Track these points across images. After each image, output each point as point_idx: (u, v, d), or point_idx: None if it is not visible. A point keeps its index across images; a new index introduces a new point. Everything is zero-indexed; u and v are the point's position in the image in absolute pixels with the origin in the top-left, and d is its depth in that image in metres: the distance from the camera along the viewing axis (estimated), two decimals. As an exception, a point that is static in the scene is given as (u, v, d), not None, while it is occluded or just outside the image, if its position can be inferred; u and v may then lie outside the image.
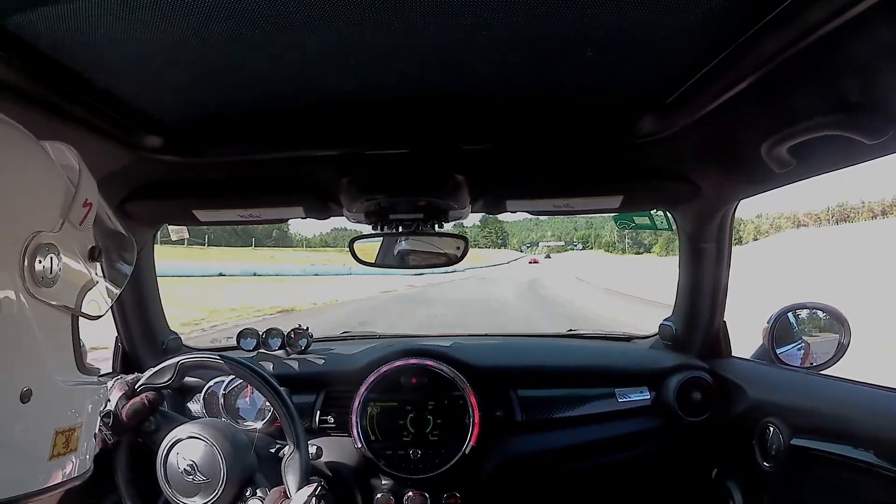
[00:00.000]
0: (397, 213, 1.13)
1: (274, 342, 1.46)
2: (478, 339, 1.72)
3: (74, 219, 0.50)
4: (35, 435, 0.46)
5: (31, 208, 0.46)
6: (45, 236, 0.46)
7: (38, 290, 0.45)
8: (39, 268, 0.45)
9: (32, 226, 0.45)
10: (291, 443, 0.98)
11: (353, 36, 0.65)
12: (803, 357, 1.28)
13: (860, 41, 0.60)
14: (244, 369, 1.01)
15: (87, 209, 0.51)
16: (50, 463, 0.47)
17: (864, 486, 0.86)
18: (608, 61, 0.73)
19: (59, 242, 0.47)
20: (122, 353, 1.42)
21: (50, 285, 0.46)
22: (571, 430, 1.35)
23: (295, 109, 0.89)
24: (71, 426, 0.50)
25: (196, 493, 0.94)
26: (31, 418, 0.45)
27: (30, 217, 0.45)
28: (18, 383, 0.44)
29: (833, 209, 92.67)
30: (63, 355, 0.51)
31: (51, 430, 0.48)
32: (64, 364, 0.50)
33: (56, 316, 0.49)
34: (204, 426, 0.98)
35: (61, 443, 0.48)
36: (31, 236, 0.44)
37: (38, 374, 0.46)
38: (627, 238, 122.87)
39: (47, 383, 0.47)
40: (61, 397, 0.49)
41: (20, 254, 0.44)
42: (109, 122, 0.85)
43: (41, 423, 0.47)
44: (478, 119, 0.93)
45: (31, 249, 0.44)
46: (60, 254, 0.47)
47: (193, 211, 1.20)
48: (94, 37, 0.63)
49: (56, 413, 0.49)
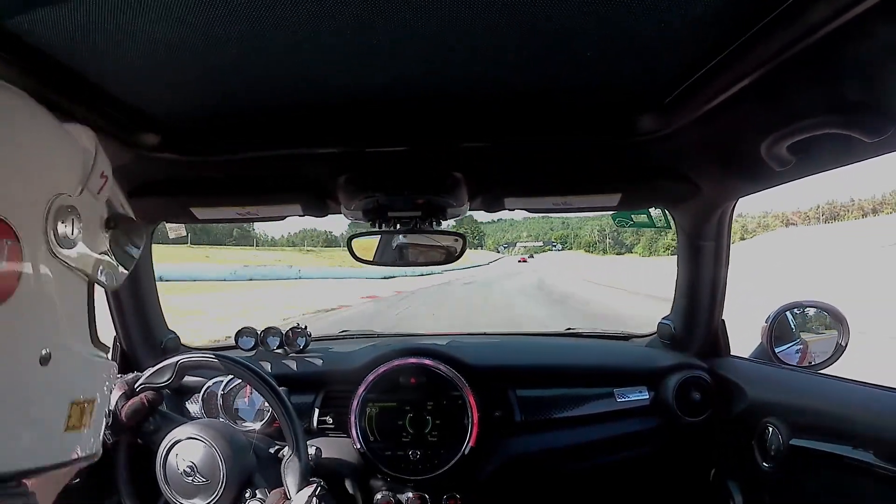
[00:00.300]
0: (395, 210, 1.13)
1: (272, 341, 1.46)
2: (476, 339, 1.72)
3: (93, 187, 0.50)
4: (52, 402, 0.45)
5: (52, 171, 0.46)
6: (67, 199, 0.46)
7: (59, 251, 0.45)
8: (62, 228, 0.45)
9: (55, 187, 0.45)
10: (290, 444, 0.98)
11: (353, 34, 0.64)
12: (802, 356, 1.28)
13: (860, 41, 0.59)
14: (243, 369, 1.00)
15: (103, 181, 0.52)
16: (65, 435, 0.46)
17: (864, 486, 0.86)
18: (608, 60, 0.73)
19: (80, 206, 0.47)
20: (120, 353, 1.41)
21: (71, 247, 0.46)
22: (570, 430, 1.34)
23: (293, 107, 0.89)
24: (87, 398, 0.49)
25: (195, 495, 0.93)
26: (48, 383, 0.44)
27: (52, 179, 0.46)
28: (39, 344, 0.43)
29: (823, 207, 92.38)
30: (79, 324, 0.50)
31: (67, 399, 0.47)
32: (80, 333, 0.50)
33: (74, 280, 0.49)
34: (203, 427, 0.98)
35: (76, 415, 0.47)
36: (54, 196, 0.45)
37: (57, 338, 0.45)
38: (608, 238, 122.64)
39: (65, 349, 0.46)
40: (78, 366, 0.49)
41: (44, 212, 0.44)
42: (107, 119, 0.85)
43: (58, 390, 0.46)
44: (477, 117, 0.93)
45: (55, 210, 0.44)
46: (81, 217, 0.47)
47: (191, 209, 1.19)
48: (92, 35, 0.63)
49: (73, 382, 0.48)
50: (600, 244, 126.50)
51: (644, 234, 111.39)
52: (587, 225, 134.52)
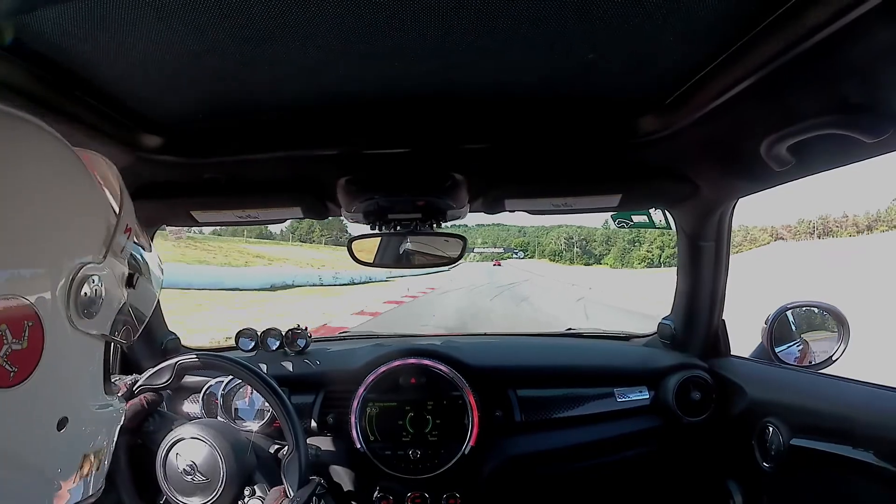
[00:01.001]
0: (396, 212, 1.13)
1: (272, 342, 1.46)
2: (476, 339, 1.72)
3: (116, 247, 0.49)
4: (66, 460, 0.47)
5: (77, 237, 0.45)
6: (90, 268, 0.45)
7: (80, 322, 0.45)
8: (84, 299, 0.44)
9: (78, 256, 0.44)
10: (290, 442, 0.98)
11: (354, 38, 0.64)
12: (802, 356, 1.28)
13: (860, 43, 0.59)
14: (242, 369, 1.01)
15: (127, 235, 0.50)
16: (75, 485, 0.48)
17: (864, 486, 0.86)
18: (609, 63, 0.73)
19: (102, 272, 0.46)
20: (120, 353, 1.41)
21: (92, 316, 0.46)
22: (570, 430, 1.34)
23: (294, 110, 0.89)
24: (97, 449, 0.51)
25: (196, 493, 0.94)
26: (63, 445, 0.46)
27: (76, 246, 0.44)
28: (57, 413, 0.44)
29: (815, 222, 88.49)
30: (95, 381, 0.50)
31: (80, 455, 0.48)
32: (95, 389, 0.51)
33: (92, 344, 0.49)
34: (203, 427, 0.98)
35: (87, 465, 0.49)
36: (77, 268, 0.43)
37: (74, 403, 0.46)
38: (576, 247, 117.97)
39: (81, 410, 0.47)
40: (92, 422, 0.50)
41: (67, 287, 0.43)
42: (109, 122, 0.85)
43: (72, 448, 0.47)
44: (477, 119, 0.93)
45: (78, 282, 0.43)
46: (103, 284, 0.46)
47: (192, 212, 1.20)
48: (94, 39, 0.63)
49: (86, 438, 0.49)
50: (567, 253, 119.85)
51: (616, 244, 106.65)
52: (551, 233, 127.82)
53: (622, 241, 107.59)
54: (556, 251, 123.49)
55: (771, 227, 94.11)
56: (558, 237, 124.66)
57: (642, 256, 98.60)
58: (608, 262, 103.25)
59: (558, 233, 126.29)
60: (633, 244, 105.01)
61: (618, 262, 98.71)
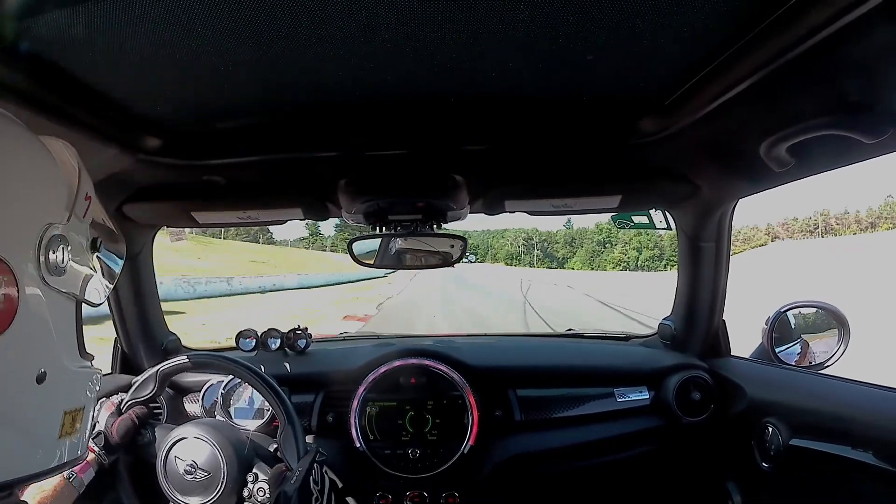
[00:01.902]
0: (396, 213, 1.13)
1: (273, 342, 1.47)
2: (476, 339, 1.72)
3: (79, 211, 0.53)
4: (47, 415, 0.50)
5: (41, 201, 0.49)
6: (56, 228, 0.49)
7: (51, 279, 0.48)
8: (53, 258, 0.48)
9: (45, 218, 0.48)
10: (281, 417, 0.98)
11: (353, 39, 0.64)
12: (802, 356, 1.28)
13: (859, 43, 0.59)
14: (220, 361, 1.02)
15: (87, 202, 0.55)
16: (58, 442, 0.51)
17: (864, 486, 0.86)
18: (609, 64, 0.73)
19: (68, 234, 0.50)
20: (120, 355, 1.42)
21: (61, 274, 0.50)
22: (570, 429, 1.35)
23: (294, 111, 0.89)
24: (77, 407, 0.53)
25: (199, 492, 0.94)
26: (44, 399, 0.49)
27: (42, 210, 0.48)
28: (35, 366, 0.47)
29: (815, 219, 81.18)
30: (69, 340, 0.54)
31: (60, 411, 0.51)
32: (70, 348, 0.54)
33: (64, 303, 0.52)
34: (200, 425, 0.99)
35: (69, 422, 0.52)
36: (44, 227, 0.48)
37: (50, 357, 0.49)
38: (536, 250, 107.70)
39: (58, 366, 0.50)
40: (69, 379, 0.53)
41: (36, 245, 0.47)
42: (109, 124, 0.85)
43: (53, 403, 0.50)
44: (477, 120, 0.93)
45: (46, 241, 0.47)
46: (69, 244, 0.51)
47: (192, 213, 1.20)
48: (94, 42, 0.63)
49: (65, 394, 0.52)
50: (526, 256, 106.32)
51: (583, 245, 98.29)
52: (507, 233, 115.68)
53: (590, 243, 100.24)
54: (513, 254, 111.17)
55: (767, 226, 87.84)
56: (515, 238, 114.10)
57: (616, 259, 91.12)
58: (574, 265, 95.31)
59: (515, 234, 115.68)
60: (604, 245, 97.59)
61: (586, 265, 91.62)
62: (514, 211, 1.22)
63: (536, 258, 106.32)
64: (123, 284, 1.36)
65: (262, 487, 0.93)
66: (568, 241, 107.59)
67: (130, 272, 1.35)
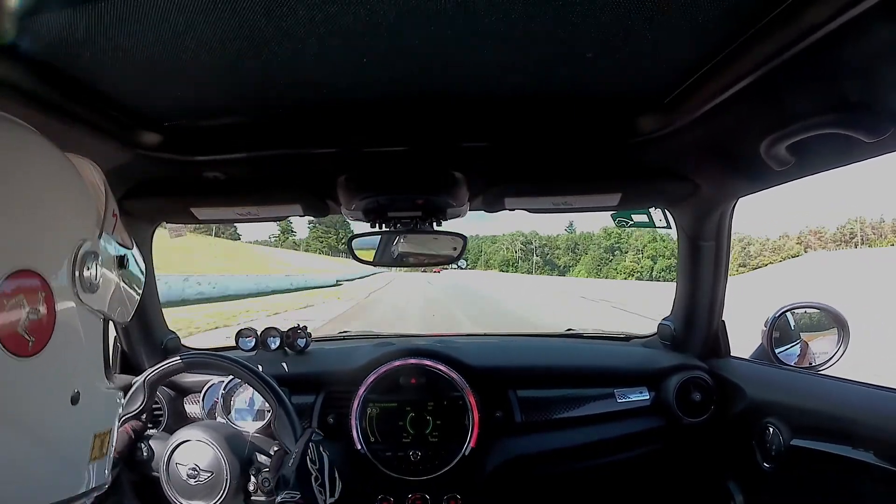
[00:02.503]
0: (395, 210, 1.13)
1: (272, 342, 1.46)
2: (477, 339, 1.72)
3: (108, 228, 0.53)
4: (79, 437, 0.49)
5: (74, 218, 0.49)
6: (89, 244, 0.49)
7: (85, 296, 0.48)
8: (87, 274, 0.48)
9: (78, 234, 0.48)
10: (272, 403, 0.98)
11: (353, 36, 0.65)
12: (802, 357, 1.28)
13: (859, 41, 0.60)
14: (208, 358, 1.01)
15: (115, 219, 0.55)
16: (88, 466, 0.50)
17: (864, 486, 0.86)
18: (608, 62, 0.73)
19: (99, 250, 0.51)
20: (120, 354, 1.41)
21: (94, 291, 0.49)
22: (571, 430, 1.34)
23: (294, 107, 0.89)
24: (106, 430, 0.53)
25: (206, 493, 0.93)
26: (77, 421, 0.48)
27: (75, 226, 0.49)
28: (70, 386, 0.47)
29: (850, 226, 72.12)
30: (98, 360, 0.53)
31: (91, 433, 0.50)
32: (99, 369, 0.53)
33: (95, 321, 0.52)
34: (200, 427, 0.98)
35: (98, 446, 0.51)
36: (79, 244, 0.48)
37: (84, 378, 0.49)
38: (536, 255, 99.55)
39: (91, 387, 0.50)
40: (101, 401, 0.52)
41: (71, 261, 0.47)
42: (109, 120, 0.86)
43: (85, 426, 0.50)
44: (477, 117, 0.93)
45: (80, 257, 0.47)
46: (101, 260, 0.50)
47: (192, 209, 1.20)
48: (94, 39, 0.63)
49: (97, 416, 0.52)
50: (524, 262, 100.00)
51: (588, 251, 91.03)
52: (503, 240, 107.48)
53: (597, 249, 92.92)
54: (510, 261, 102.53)
55: (798, 234, 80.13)
56: (513, 241, 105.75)
57: (628, 269, 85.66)
58: (579, 272, 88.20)
59: (512, 238, 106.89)
60: (613, 252, 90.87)
61: (592, 274, 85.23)
62: (513, 209, 1.22)
63: (536, 265, 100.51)
64: None
65: (266, 477, 0.93)
66: (571, 246, 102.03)
67: None
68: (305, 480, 0.92)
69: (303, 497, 0.90)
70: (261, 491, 0.93)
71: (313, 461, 0.93)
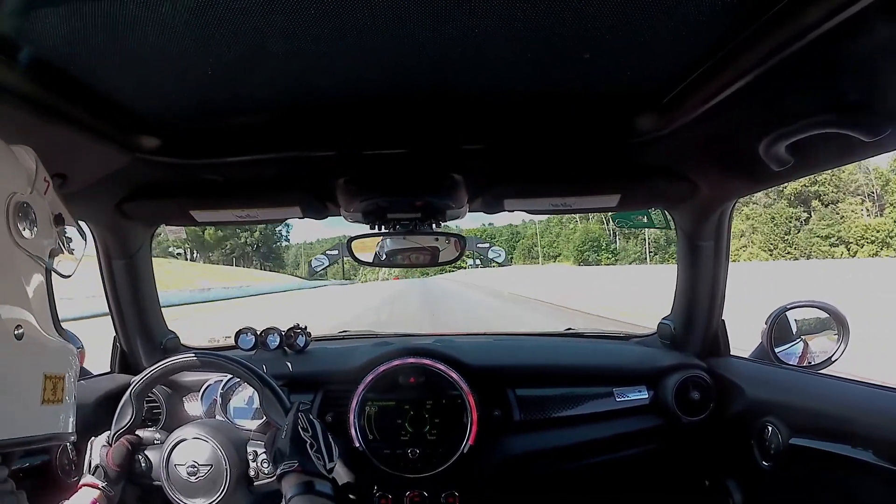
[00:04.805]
0: (395, 212, 1.13)
1: (272, 341, 1.46)
2: (476, 339, 1.72)
3: (39, 188, 0.58)
4: (28, 374, 0.51)
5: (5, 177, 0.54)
6: (20, 196, 0.53)
7: (20, 240, 0.52)
8: (19, 217, 0.53)
9: (9, 188, 0.53)
10: (255, 385, 0.98)
11: (351, 38, 0.65)
12: (802, 356, 1.28)
13: (858, 40, 0.59)
14: (194, 358, 1.00)
15: (47, 184, 0.59)
16: (42, 408, 0.52)
17: (864, 486, 0.86)
18: (605, 62, 0.73)
19: (32, 203, 0.55)
20: (120, 354, 1.42)
21: (29, 236, 0.54)
22: (569, 429, 1.34)
23: (292, 110, 0.89)
24: (58, 374, 0.55)
25: (210, 487, 0.93)
26: (23, 357, 0.51)
27: (6, 183, 0.53)
28: (13, 322, 0.50)
29: None
30: (43, 308, 0.56)
31: (40, 373, 0.53)
32: (44, 318, 0.56)
33: (35, 268, 0.55)
34: (198, 426, 0.99)
35: (49, 388, 0.53)
36: (10, 195, 0.52)
37: (27, 318, 0.52)
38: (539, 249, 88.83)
39: (35, 328, 0.53)
40: (47, 345, 0.55)
41: (5, 208, 0.51)
42: (107, 124, 0.85)
43: (32, 363, 0.52)
44: (476, 119, 0.93)
45: (13, 206, 0.52)
46: (34, 213, 0.55)
47: (191, 211, 1.20)
48: (92, 41, 0.63)
49: (44, 358, 0.54)
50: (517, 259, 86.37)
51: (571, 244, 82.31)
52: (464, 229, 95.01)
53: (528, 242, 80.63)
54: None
55: None
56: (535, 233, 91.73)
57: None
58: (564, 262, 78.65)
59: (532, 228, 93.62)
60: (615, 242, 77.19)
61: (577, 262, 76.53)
62: (512, 210, 1.22)
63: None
64: (122, 283, 1.36)
65: (264, 459, 0.93)
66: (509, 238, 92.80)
67: (129, 271, 1.35)
68: (305, 453, 0.92)
69: (301, 466, 0.89)
70: (262, 473, 0.93)
71: (305, 429, 0.93)
